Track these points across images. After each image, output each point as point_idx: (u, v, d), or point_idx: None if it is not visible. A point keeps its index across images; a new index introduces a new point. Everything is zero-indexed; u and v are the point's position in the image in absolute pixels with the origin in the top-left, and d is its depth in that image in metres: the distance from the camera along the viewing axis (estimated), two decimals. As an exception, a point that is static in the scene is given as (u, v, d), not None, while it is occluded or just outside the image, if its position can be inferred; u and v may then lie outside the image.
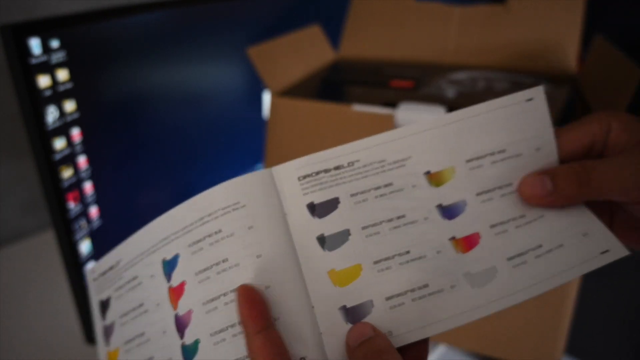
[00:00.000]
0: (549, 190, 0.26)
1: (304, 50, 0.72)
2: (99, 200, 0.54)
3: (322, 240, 0.27)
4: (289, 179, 0.28)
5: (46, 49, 0.45)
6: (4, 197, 0.84)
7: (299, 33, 0.71)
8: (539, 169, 0.28)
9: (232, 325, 0.26)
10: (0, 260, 0.79)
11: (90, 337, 0.55)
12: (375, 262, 0.27)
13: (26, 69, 0.43)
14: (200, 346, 0.27)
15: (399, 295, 0.26)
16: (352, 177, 0.28)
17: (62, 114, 0.47)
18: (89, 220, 0.52)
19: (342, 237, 0.27)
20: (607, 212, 0.29)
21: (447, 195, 0.28)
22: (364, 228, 0.27)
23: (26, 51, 0.43)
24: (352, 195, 0.28)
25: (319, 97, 0.62)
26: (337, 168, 0.28)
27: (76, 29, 0.48)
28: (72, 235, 0.50)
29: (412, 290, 0.27)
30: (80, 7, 0.53)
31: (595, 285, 0.69)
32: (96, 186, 0.53)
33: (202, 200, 0.28)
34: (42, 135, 0.45)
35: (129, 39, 0.57)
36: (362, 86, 0.68)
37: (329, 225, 0.27)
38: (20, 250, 0.83)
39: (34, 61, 0.43)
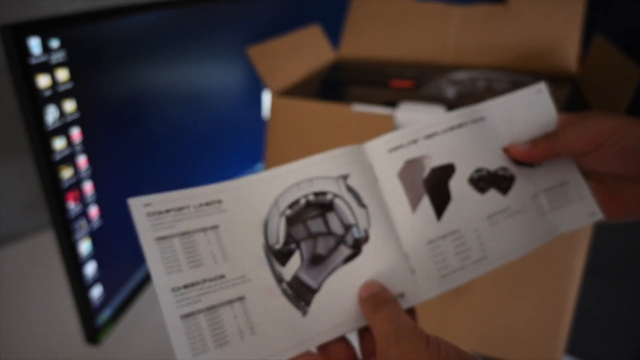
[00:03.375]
0: (529, 147, 0.37)
1: (304, 50, 0.72)
2: (99, 200, 0.54)
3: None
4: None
5: (46, 49, 0.45)
6: (4, 197, 0.84)
7: (299, 33, 0.71)
8: None
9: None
10: (0, 260, 0.79)
11: (90, 337, 0.55)
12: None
13: (26, 69, 0.43)
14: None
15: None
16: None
17: (62, 114, 0.47)
18: (89, 220, 0.52)
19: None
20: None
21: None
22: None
23: (26, 51, 0.43)
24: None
25: (319, 97, 0.62)
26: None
27: (76, 29, 0.48)
28: (72, 235, 0.50)
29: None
30: (80, 7, 0.53)
31: (596, 285, 0.69)
32: (96, 186, 0.53)
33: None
34: (42, 135, 0.45)
35: (129, 39, 0.57)
36: (362, 86, 0.68)
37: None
38: (20, 250, 0.83)
39: (33, 61, 0.43)
